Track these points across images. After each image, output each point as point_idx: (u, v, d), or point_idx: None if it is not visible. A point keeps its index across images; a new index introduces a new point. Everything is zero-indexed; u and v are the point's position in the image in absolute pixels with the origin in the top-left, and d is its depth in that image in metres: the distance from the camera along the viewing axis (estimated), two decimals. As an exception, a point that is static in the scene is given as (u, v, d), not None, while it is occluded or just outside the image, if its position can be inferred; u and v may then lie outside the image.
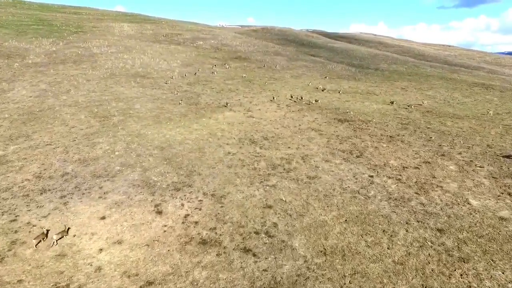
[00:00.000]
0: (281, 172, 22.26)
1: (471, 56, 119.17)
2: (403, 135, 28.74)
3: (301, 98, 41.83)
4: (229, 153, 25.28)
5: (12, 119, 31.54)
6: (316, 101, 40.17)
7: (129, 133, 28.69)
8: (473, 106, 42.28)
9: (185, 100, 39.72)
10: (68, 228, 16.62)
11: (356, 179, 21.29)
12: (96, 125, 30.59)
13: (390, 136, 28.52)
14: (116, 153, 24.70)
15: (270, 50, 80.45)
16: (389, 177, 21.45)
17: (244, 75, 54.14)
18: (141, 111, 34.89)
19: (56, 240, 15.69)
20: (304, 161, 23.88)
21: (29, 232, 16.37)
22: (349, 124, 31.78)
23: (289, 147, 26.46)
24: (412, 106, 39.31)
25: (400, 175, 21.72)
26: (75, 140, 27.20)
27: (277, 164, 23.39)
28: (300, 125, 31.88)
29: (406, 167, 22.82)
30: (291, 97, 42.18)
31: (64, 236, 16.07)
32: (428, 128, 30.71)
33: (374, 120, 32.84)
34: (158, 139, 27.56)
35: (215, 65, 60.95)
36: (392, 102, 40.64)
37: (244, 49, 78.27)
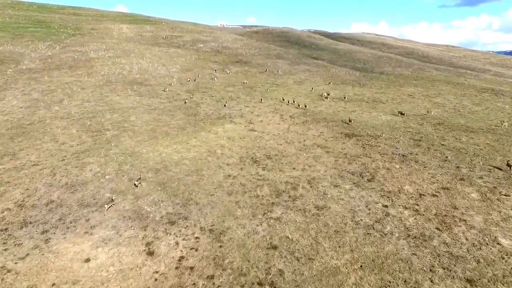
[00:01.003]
0: (286, 201, 20.13)
1: (476, 57, 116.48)
2: (417, 154, 26.53)
3: (305, 106, 39.65)
4: (229, 176, 23.14)
5: (0, 134, 29.50)
6: (320, 111, 38.00)
7: (122, 151, 26.57)
8: (485, 116, 40.02)
9: (184, 110, 37.58)
10: None
11: (369, 209, 19.14)
12: (88, 141, 28.47)
13: (403, 155, 26.31)
14: (107, 176, 22.58)
15: (271, 53, 78.13)
16: (406, 207, 19.29)
17: (245, 81, 51.91)
18: (136, 123, 32.75)
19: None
20: (311, 186, 21.73)
21: (1, 280, 14.30)
22: (358, 139, 29.58)
23: (294, 168, 24.30)
24: (422, 118, 37.12)
25: (418, 205, 19.56)
26: (64, 160, 25.10)
27: (281, 190, 21.25)
28: (305, 140, 29.70)
29: (423, 195, 20.65)
30: (298, 105, 39.99)
31: None
32: (443, 145, 28.49)
33: (383, 135, 30.62)
34: (153, 158, 25.43)
35: (216, 70, 58.71)
36: (401, 113, 38.38)
37: (245, 52, 75.97)
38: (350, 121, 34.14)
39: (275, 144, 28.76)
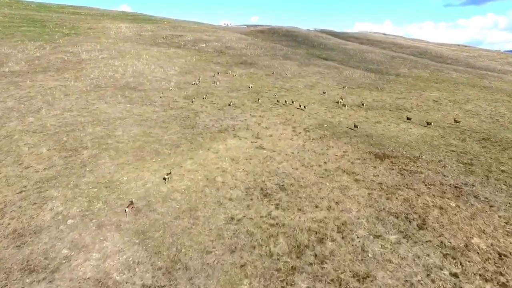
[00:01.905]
0: (311, 264, 14.15)
1: (492, 57, 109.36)
2: (473, 185, 20.38)
3: (321, 116, 33.65)
4: (232, 218, 17.20)
5: (-48, 154, 23.79)
6: (339, 122, 31.93)
7: (97, 179, 20.73)
8: (531, 128, 33.68)
9: (180, 121, 31.71)
10: None
11: (433, 282, 13.10)
12: (59, 164, 22.66)
13: (455, 187, 20.18)
14: (69, 221, 16.74)
15: (278, 54, 71.97)
16: (485, 278, 13.23)
17: (250, 85, 45.89)
18: (122, 139, 26.90)
19: None
20: (343, 237, 15.73)
21: None
22: (392, 162, 23.46)
23: (316, 206, 18.30)
24: (463, 131, 30.88)
25: (501, 273, 13.50)
26: (22, 192, 19.33)
27: (303, 245, 15.27)
28: (325, 162, 23.65)
29: (504, 255, 14.56)
30: (312, 114, 33.93)
31: None
32: (503, 171, 22.27)
33: (423, 157, 24.48)
34: (135, 190, 19.56)
35: (218, 73, 52.71)
36: (429, 123, 32.24)
37: (250, 53, 69.89)
38: (377, 136, 28.03)
39: (289, 168, 22.76)
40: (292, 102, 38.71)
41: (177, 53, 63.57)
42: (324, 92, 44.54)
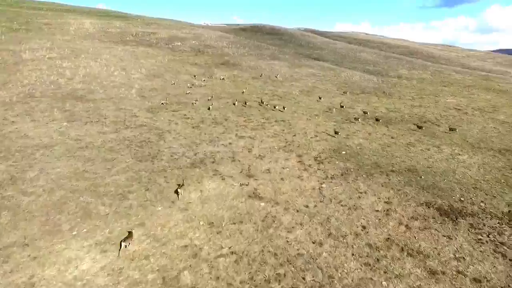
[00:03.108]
0: None
1: (480, 57, 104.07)
2: None
3: (334, 134, 24.16)
4: None
5: None
6: (359, 146, 22.44)
7: None
8: None
9: (136, 148, 21.32)
10: None
11: None
12: None
13: None
14: None
15: (264, 53, 62.13)
16: None
17: (234, 91, 35.89)
18: (33, 186, 16.27)
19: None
20: None
21: None
22: (473, 227, 14.09)
23: None
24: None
25: None
26: None
27: None
28: (364, 227, 14.04)
29: None
30: (321, 134, 24.26)
31: None
32: None
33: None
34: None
35: (195, 76, 42.32)
36: (476, 146, 23.37)
37: (233, 52, 59.70)
38: (423, 170, 18.74)
39: (308, 244, 12.97)
40: (294, 120, 28.99)
41: (147, 53, 52.49)
42: (326, 100, 35.10)
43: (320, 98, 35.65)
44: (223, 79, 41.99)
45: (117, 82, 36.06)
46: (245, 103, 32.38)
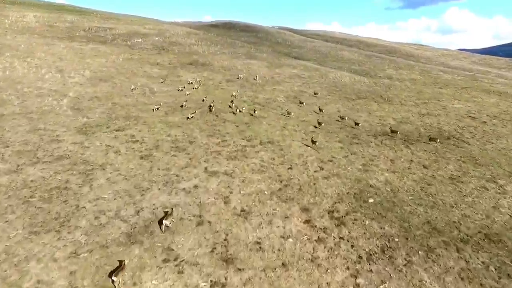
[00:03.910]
0: None
1: (455, 56, 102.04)
2: None
3: (341, 165, 16.55)
4: None
5: None
6: (389, 187, 15.00)
7: None
8: None
9: (36, 206, 12.52)
10: None
11: None
12: None
13: None
14: None
15: (239, 51, 53.89)
16: None
17: (204, 98, 27.59)
18: None
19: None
20: None
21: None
22: None
23: None
24: None
25: None
26: None
27: None
28: None
29: None
30: (326, 163, 16.56)
31: None
32: None
33: None
34: None
35: (153, 78, 33.37)
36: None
37: (203, 50, 50.95)
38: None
39: None
40: (284, 141, 21.15)
41: (97, 51, 42.54)
42: (321, 110, 27.63)
43: (320, 109, 28.16)
44: (190, 83, 33.39)
45: (45, 88, 26.44)
46: (217, 116, 24.16)
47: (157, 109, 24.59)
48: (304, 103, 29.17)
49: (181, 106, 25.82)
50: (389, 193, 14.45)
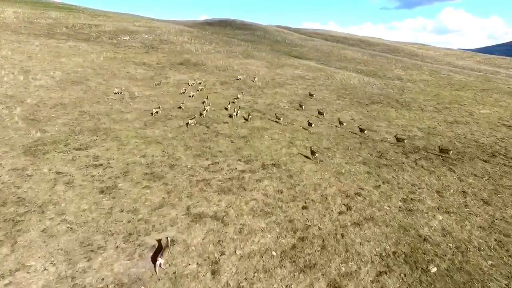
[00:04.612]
0: None
1: (459, 56, 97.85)
2: None
3: (375, 202, 11.83)
4: None
5: None
6: (448, 239, 10.34)
7: None
8: None
9: None
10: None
11: None
12: None
13: None
14: None
15: (236, 50, 49.06)
16: None
17: (194, 105, 22.70)
18: None
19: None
20: None
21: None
22: None
23: None
24: None
25: None
26: None
27: None
28: None
29: None
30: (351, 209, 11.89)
31: None
32: None
33: None
34: None
35: (136, 80, 28.46)
36: None
37: (196, 48, 46.05)
38: None
39: None
40: (294, 168, 16.43)
41: (76, 49, 37.49)
42: (341, 122, 22.89)
43: (321, 113, 23.48)
44: (178, 85, 28.51)
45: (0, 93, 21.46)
46: (208, 127, 19.40)
47: (156, 112, 20.29)
48: (323, 114, 24.45)
49: (152, 119, 20.99)
50: (455, 253, 9.75)
